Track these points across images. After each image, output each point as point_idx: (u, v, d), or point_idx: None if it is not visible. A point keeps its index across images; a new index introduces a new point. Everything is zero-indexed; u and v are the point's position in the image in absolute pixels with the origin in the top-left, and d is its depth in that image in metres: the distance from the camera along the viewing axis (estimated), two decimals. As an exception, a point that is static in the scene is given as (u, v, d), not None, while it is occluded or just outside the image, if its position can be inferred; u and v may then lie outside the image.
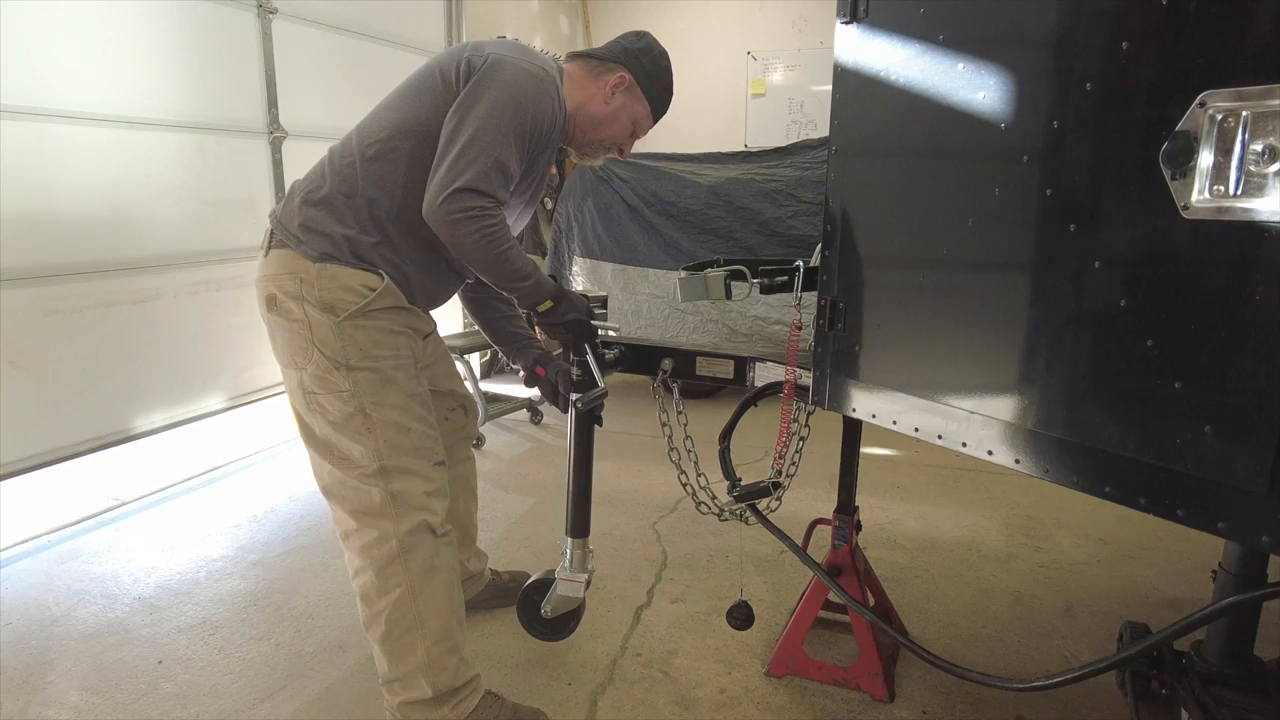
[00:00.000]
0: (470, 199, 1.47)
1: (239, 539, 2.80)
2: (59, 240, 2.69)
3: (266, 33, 3.38)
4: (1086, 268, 1.11)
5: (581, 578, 1.91)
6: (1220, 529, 1.00)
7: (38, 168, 2.60)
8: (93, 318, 2.81)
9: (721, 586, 2.40)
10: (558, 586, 1.94)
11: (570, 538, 1.91)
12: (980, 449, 1.31)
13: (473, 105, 1.52)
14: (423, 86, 1.62)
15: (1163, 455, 1.04)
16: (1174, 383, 1.01)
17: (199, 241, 3.18)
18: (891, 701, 1.85)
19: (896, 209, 1.46)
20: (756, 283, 1.70)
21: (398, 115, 1.61)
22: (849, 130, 1.52)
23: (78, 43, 2.68)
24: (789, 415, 1.73)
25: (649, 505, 3.02)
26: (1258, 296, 0.92)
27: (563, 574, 1.92)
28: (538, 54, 1.68)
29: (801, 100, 5.86)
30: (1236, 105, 0.91)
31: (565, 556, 1.91)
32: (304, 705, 1.89)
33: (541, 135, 1.60)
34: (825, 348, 1.60)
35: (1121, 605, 2.27)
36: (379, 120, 1.64)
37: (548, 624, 1.99)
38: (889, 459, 3.54)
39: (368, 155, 1.59)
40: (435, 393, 1.95)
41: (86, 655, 2.09)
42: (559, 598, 1.94)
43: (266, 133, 3.45)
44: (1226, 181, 0.93)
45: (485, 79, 1.54)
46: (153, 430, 3.06)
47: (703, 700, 1.88)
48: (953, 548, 2.66)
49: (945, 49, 1.29)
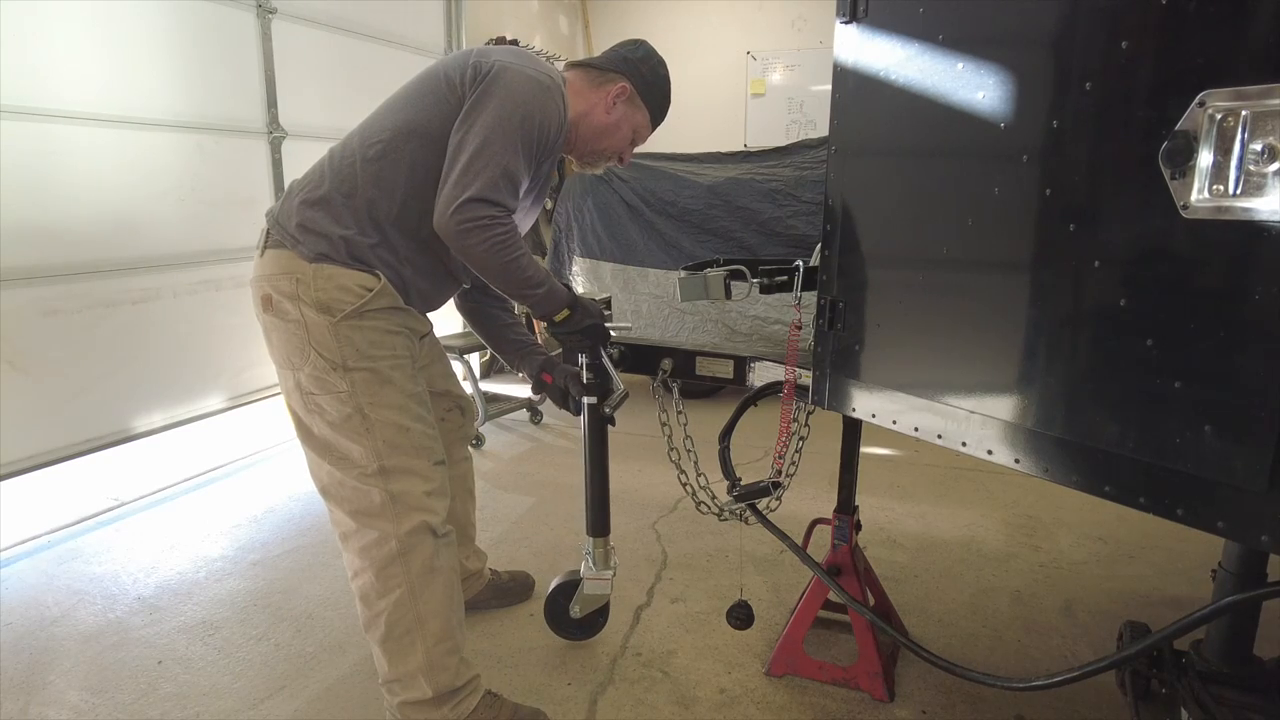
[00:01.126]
0: (480, 208, 1.47)
1: (239, 539, 2.80)
2: (58, 240, 2.69)
3: (266, 32, 3.38)
4: (1086, 267, 1.11)
5: (607, 575, 1.99)
6: (1219, 528, 1.00)
7: (37, 168, 2.60)
8: (92, 318, 2.81)
9: (721, 586, 2.40)
10: (584, 586, 2.01)
11: (591, 537, 1.95)
12: (980, 448, 1.31)
13: (480, 114, 1.52)
14: (426, 89, 1.62)
15: (1162, 454, 1.04)
16: (1173, 382, 1.01)
17: (198, 241, 3.18)
18: (891, 701, 1.85)
19: (896, 208, 1.46)
20: (756, 282, 1.70)
21: (400, 117, 1.61)
22: (848, 130, 1.52)
23: (76, 43, 2.68)
24: (789, 415, 1.73)
25: (649, 505, 3.02)
26: (1257, 296, 0.92)
27: (588, 573, 1.99)
28: (543, 61, 1.69)
29: (801, 100, 5.86)
30: (1236, 105, 0.91)
31: (588, 556, 1.98)
32: (303, 705, 1.89)
33: (548, 142, 1.61)
34: (825, 347, 1.60)
35: (1121, 604, 2.27)
36: (381, 121, 1.63)
37: (577, 624, 2.06)
38: (889, 458, 3.54)
39: (369, 156, 1.59)
40: (432, 393, 1.95)
41: (86, 655, 2.09)
42: (586, 597, 2.02)
43: (266, 132, 3.45)
44: (1226, 181, 0.93)
45: (491, 86, 1.54)
46: (152, 430, 3.06)
47: (702, 700, 1.88)
48: (952, 547, 2.66)
49: (945, 48, 1.29)
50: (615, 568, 2.02)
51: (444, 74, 1.61)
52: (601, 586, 2.00)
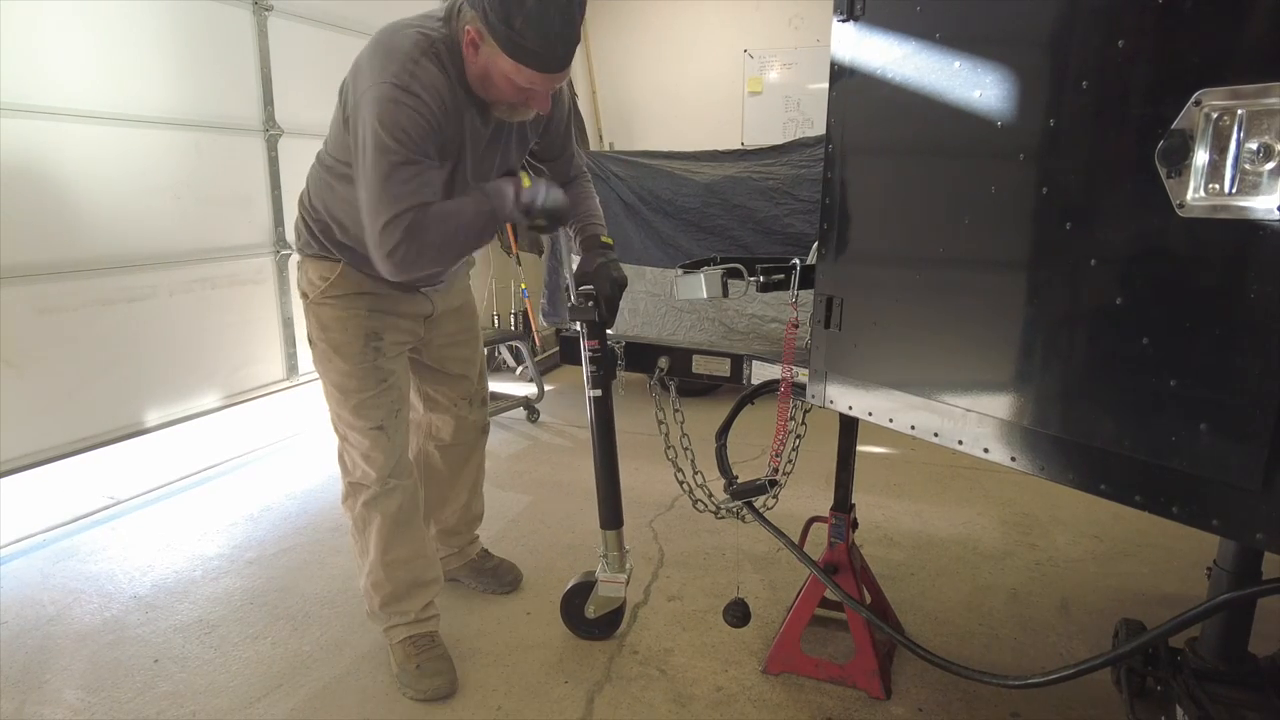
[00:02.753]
0: (390, 236, 1.52)
1: (235, 537, 2.79)
2: (53, 238, 2.67)
3: (262, 30, 3.37)
4: (1082, 265, 1.11)
5: (621, 577, 2.02)
6: (1214, 526, 1.00)
7: (31, 165, 2.59)
8: (87, 316, 2.80)
9: (718, 584, 2.40)
10: (599, 588, 2.03)
11: (604, 530, 1.98)
12: (976, 446, 1.31)
13: (357, 162, 1.57)
14: (336, 123, 1.70)
15: (1158, 452, 1.04)
16: (1169, 380, 1.02)
17: (194, 239, 3.17)
18: (888, 699, 1.85)
19: (893, 206, 1.46)
20: (754, 281, 1.70)
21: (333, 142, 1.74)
22: (846, 127, 1.52)
23: (72, 40, 2.67)
24: (786, 413, 1.73)
25: (645, 503, 3.02)
26: (1252, 294, 0.92)
27: (603, 575, 2.02)
28: (404, 43, 1.53)
29: (798, 98, 5.86)
30: (1232, 104, 0.91)
31: (603, 558, 2.01)
32: (300, 703, 1.89)
33: (418, 137, 1.51)
34: (822, 345, 1.61)
35: (1117, 603, 2.28)
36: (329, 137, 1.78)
37: (594, 624, 2.09)
38: (885, 457, 3.54)
39: (325, 164, 1.79)
40: (447, 376, 2.11)
41: (82, 654, 2.09)
42: (602, 598, 2.05)
43: (262, 130, 3.44)
44: (1222, 180, 0.94)
45: (356, 127, 1.56)
46: (148, 429, 3.05)
47: (699, 698, 1.88)
48: (949, 545, 2.66)
49: (942, 47, 1.29)
50: (630, 570, 2.05)
51: (339, 109, 1.68)
52: (616, 589, 2.02)
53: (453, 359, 2.10)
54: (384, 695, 1.91)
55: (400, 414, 1.92)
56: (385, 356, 1.87)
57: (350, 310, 1.83)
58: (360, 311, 1.84)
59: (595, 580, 2.04)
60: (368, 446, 1.88)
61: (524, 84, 1.53)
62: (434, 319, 2.00)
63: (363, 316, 1.84)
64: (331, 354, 1.85)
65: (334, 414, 1.90)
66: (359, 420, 1.86)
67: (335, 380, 1.86)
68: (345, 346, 1.84)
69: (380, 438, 1.88)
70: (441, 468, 2.24)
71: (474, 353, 2.17)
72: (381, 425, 1.87)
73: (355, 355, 1.84)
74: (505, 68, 1.51)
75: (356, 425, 1.87)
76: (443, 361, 2.09)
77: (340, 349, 1.84)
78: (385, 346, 1.87)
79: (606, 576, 2.02)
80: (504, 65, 1.51)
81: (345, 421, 1.88)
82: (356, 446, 1.89)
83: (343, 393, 1.86)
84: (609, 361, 1.88)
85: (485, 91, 1.61)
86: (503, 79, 1.53)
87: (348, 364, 1.84)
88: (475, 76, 1.58)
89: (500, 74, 1.52)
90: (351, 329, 1.83)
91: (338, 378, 1.85)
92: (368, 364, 1.85)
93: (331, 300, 1.83)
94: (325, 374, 1.88)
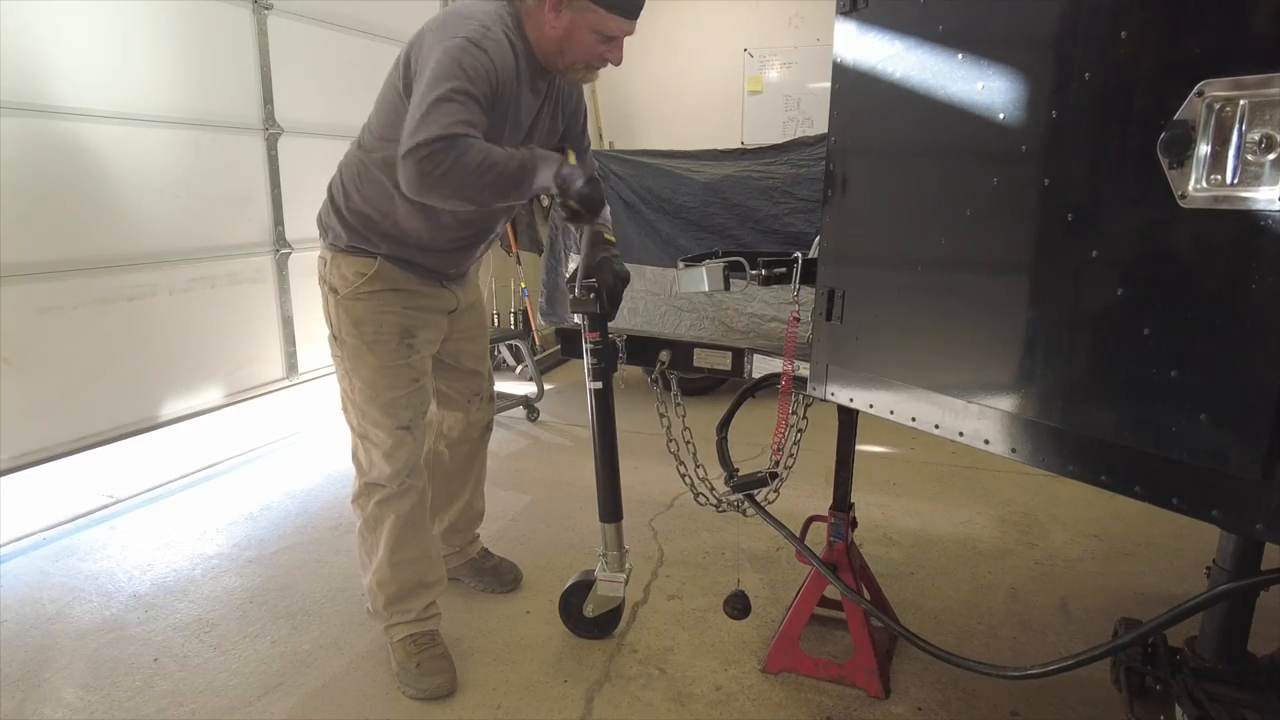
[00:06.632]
0: (429, 146, 1.48)
1: (235, 536, 2.79)
2: (53, 237, 2.67)
3: (262, 28, 3.37)
4: (1084, 257, 1.11)
5: (620, 576, 2.02)
6: (1214, 517, 1.00)
7: (31, 164, 2.59)
8: (88, 314, 2.80)
9: (718, 583, 2.40)
10: (598, 587, 2.03)
11: (603, 524, 1.98)
12: (977, 439, 1.31)
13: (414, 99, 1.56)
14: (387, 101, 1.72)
15: (1158, 443, 1.04)
16: (1170, 371, 1.01)
17: (194, 238, 3.17)
18: (887, 698, 1.85)
19: (895, 200, 1.46)
20: (755, 274, 1.70)
21: (379, 122, 1.75)
22: (848, 122, 1.52)
23: (71, 39, 2.67)
24: (787, 406, 1.73)
25: (645, 502, 3.01)
26: (1254, 285, 0.92)
27: (602, 574, 2.02)
28: (478, 9, 1.67)
29: (798, 97, 5.86)
30: (1234, 94, 0.91)
31: (602, 557, 2.01)
32: (300, 702, 1.88)
33: (484, 80, 1.58)
34: (823, 337, 1.60)
35: (1116, 602, 2.28)
36: (374, 119, 1.78)
37: (593, 623, 2.09)
38: (885, 456, 3.54)
39: (368, 149, 1.76)
40: (461, 371, 2.13)
41: (82, 653, 2.09)
42: (600, 598, 2.04)
43: (262, 129, 3.43)
44: (1224, 170, 0.93)
45: (421, 68, 1.58)
46: (148, 427, 3.05)
47: (699, 697, 1.87)
48: (948, 544, 2.66)
49: (944, 40, 1.29)
50: (630, 570, 2.05)
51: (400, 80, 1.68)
52: (614, 589, 2.02)
53: (468, 354, 2.12)
54: (384, 694, 1.91)
55: (426, 416, 1.94)
56: (417, 354, 1.88)
57: (386, 306, 1.83)
58: (395, 308, 1.83)
59: (594, 579, 2.04)
60: (391, 445, 1.86)
61: (612, 32, 1.70)
62: (455, 315, 2.02)
63: (398, 313, 1.84)
64: (364, 351, 1.83)
65: (358, 411, 1.88)
66: (386, 419, 1.85)
67: (366, 377, 1.84)
68: (379, 343, 1.83)
69: (405, 437, 1.87)
70: (450, 466, 2.25)
71: (485, 348, 2.20)
72: (409, 425, 1.87)
73: (389, 352, 1.84)
74: (593, 20, 1.68)
75: (383, 424, 1.85)
76: (458, 357, 2.10)
77: (374, 345, 1.83)
78: (418, 344, 1.88)
79: (605, 575, 2.02)
80: (592, 19, 1.67)
81: (371, 419, 1.86)
82: (378, 445, 1.87)
83: (373, 389, 1.84)
84: (610, 354, 1.89)
85: (561, 55, 1.73)
86: (588, 34, 1.69)
87: (381, 361, 1.83)
88: (553, 40, 1.70)
89: (587, 28, 1.68)
90: (387, 325, 1.83)
91: (369, 374, 1.84)
92: (401, 361, 1.85)
93: (366, 296, 1.82)
94: (355, 370, 1.85)
